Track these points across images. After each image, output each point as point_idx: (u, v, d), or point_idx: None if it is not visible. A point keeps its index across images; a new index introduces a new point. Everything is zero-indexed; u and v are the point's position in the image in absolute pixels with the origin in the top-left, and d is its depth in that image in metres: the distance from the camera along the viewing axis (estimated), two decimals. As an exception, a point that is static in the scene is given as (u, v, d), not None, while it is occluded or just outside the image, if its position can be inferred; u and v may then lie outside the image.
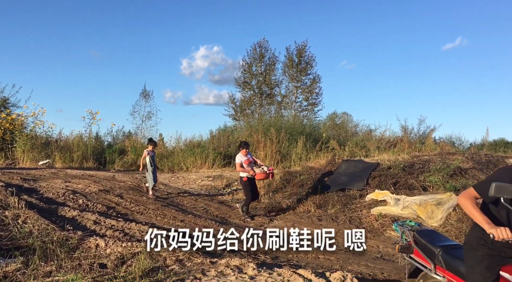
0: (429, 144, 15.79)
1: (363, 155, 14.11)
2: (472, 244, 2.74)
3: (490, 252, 2.66)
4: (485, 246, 2.67)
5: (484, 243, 2.67)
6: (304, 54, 26.20)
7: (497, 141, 21.77)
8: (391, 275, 5.61)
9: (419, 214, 8.68)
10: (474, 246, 2.72)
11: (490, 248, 2.65)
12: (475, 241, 2.72)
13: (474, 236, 2.75)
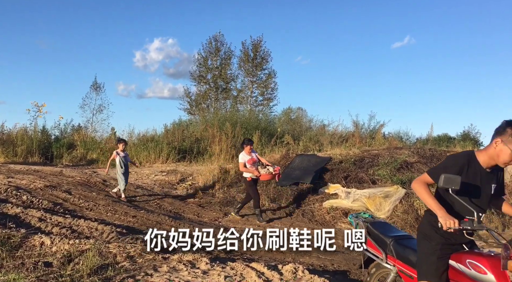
0: (379, 139, 16.41)
1: (317, 149, 14.42)
2: (426, 231, 2.79)
3: (443, 241, 2.74)
4: (437, 234, 2.74)
5: (437, 231, 2.72)
6: (260, 49, 26.33)
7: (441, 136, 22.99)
8: (340, 266, 5.79)
9: (368, 207, 9.01)
10: (428, 234, 2.77)
11: (441, 235, 2.72)
12: (429, 228, 2.78)
13: (427, 223, 2.81)
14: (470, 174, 2.65)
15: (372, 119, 18.48)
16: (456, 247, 2.76)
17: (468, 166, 2.64)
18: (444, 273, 2.72)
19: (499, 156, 2.58)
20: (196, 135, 16.81)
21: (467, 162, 2.64)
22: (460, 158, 2.67)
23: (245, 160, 8.32)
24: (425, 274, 2.73)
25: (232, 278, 4.58)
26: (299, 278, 4.72)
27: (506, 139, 2.54)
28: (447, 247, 2.74)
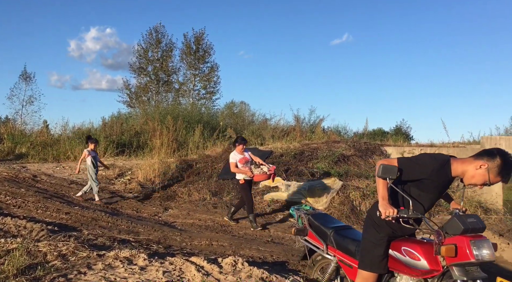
0: (318, 133, 16.87)
1: (259, 143, 14.56)
2: (376, 220, 2.80)
3: (391, 234, 2.81)
4: (388, 226, 2.78)
5: (378, 221, 2.78)
6: (202, 42, 26.01)
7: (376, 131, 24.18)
8: (279, 257, 5.91)
9: (307, 199, 9.27)
10: (378, 223, 2.80)
11: (390, 226, 2.77)
12: (376, 221, 2.81)
13: (375, 217, 2.80)
14: (437, 178, 2.70)
15: (312, 114, 19.02)
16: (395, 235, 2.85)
17: (439, 171, 2.68)
18: (383, 264, 2.80)
19: (473, 177, 2.61)
20: (136, 129, 16.32)
21: (440, 167, 2.67)
22: (435, 162, 2.68)
23: (237, 159, 7.54)
24: (369, 265, 2.79)
25: (171, 273, 4.51)
26: (238, 270, 4.75)
27: (492, 168, 2.54)
28: (392, 239, 2.83)
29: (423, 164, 2.67)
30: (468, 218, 2.55)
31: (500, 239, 7.67)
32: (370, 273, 2.77)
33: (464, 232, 2.48)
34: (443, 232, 2.54)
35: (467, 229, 2.49)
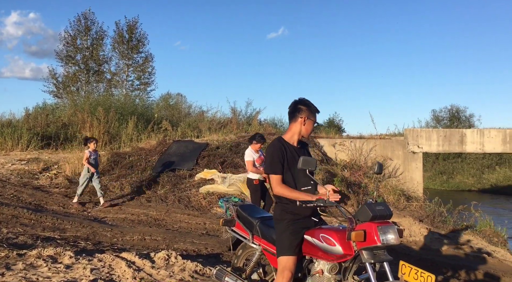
0: (255, 125, 17.01)
1: (195, 136, 14.39)
2: (278, 217, 3.09)
3: (294, 218, 3.02)
4: (288, 213, 3.02)
5: (287, 211, 3.01)
6: (136, 31, 25.00)
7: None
8: (214, 249, 5.91)
9: (243, 191, 9.33)
10: (279, 217, 3.06)
11: (294, 213, 2.99)
12: (279, 213, 3.08)
13: (278, 211, 3.10)
14: (288, 153, 3.04)
15: (249, 106, 19.05)
16: (306, 221, 3.05)
17: (284, 148, 3.04)
18: (298, 247, 2.97)
19: (307, 130, 3.12)
20: (64, 120, 15.38)
21: (282, 146, 3.05)
22: (276, 145, 3.06)
23: (254, 158, 6.99)
24: (282, 250, 2.96)
25: (100, 271, 4.33)
26: (171, 264, 4.68)
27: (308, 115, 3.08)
28: (297, 223, 3.02)
29: (274, 154, 3.05)
30: (377, 206, 2.75)
31: (420, 224, 8.27)
32: (287, 257, 2.91)
33: (373, 218, 2.67)
34: (355, 219, 2.71)
35: (376, 216, 2.68)
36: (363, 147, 12.77)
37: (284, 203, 3.02)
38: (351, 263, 2.80)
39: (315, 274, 2.90)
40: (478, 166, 28.24)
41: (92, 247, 5.50)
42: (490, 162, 27.84)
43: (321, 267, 2.87)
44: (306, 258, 3.04)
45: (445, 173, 29.24)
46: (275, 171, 2.99)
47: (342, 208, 2.90)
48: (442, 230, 8.76)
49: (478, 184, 26.79)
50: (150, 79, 25.96)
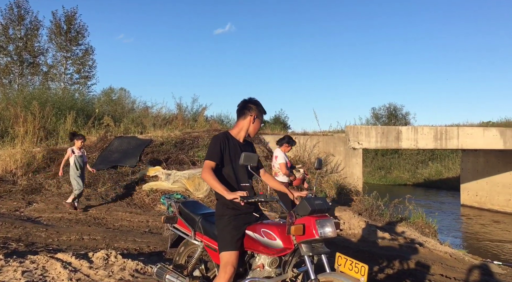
0: (201, 121, 16.87)
1: (139, 132, 14.01)
2: (219, 213, 3.10)
3: (234, 213, 3.04)
4: (229, 209, 3.04)
5: (228, 206, 3.03)
6: (74, 22, 23.79)
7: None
8: (157, 247, 5.80)
9: (188, 187, 9.24)
10: (221, 213, 3.07)
11: (235, 208, 3.02)
12: (221, 209, 3.09)
13: (220, 207, 3.10)
14: (231, 148, 3.11)
15: (195, 102, 18.89)
16: (247, 216, 3.09)
17: (227, 142, 3.11)
18: (239, 242, 3.00)
19: (255, 129, 3.20)
20: (-6, 115, 14.34)
21: (225, 139, 3.11)
22: (219, 137, 3.13)
23: (286, 160, 6.73)
24: (224, 245, 2.98)
25: (32, 273, 4.11)
26: (111, 264, 4.54)
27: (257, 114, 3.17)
28: (239, 218, 3.05)
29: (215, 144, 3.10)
30: (315, 200, 2.83)
31: (358, 217, 8.64)
32: (229, 252, 2.94)
33: (311, 212, 2.75)
34: (294, 214, 2.78)
35: (314, 210, 2.76)
36: (306, 143, 13.08)
37: (225, 199, 3.01)
38: (290, 257, 2.86)
39: (256, 268, 2.93)
40: (413, 162, 29.96)
41: (24, 248, 5.20)
42: (423, 158, 29.61)
43: (262, 261, 2.91)
44: (248, 252, 3.07)
45: (383, 168, 30.74)
46: (211, 157, 3.01)
47: (282, 203, 2.96)
48: (379, 223, 9.21)
49: (413, 179, 28.44)
50: (91, 72, 24.90)
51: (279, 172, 6.71)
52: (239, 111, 3.23)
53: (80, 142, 7.83)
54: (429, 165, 28.51)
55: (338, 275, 2.63)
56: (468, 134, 14.15)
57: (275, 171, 6.81)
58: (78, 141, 7.82)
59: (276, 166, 6.77)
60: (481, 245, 12.03)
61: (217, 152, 3.02)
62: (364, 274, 2.54)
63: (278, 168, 6.74)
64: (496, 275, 6.45)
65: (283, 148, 6.82)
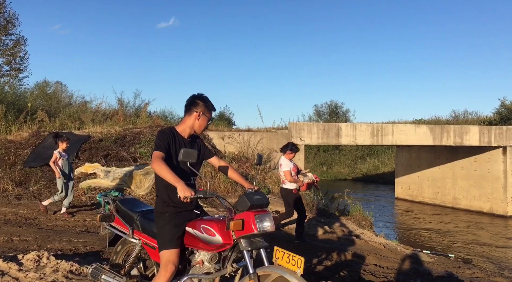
0: (143, 117, 16.44)
1: (76, 127, 13.39)
2: (159, 210, 3.03)
3: (175, 211, 3.00)
4: (169, 206, 3.00)
5: (169, 204, 2.99)
6: (4, 10, 22.18)
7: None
8: (94, 247, 5.59)
9: (129, 185, 8.99)
10: (161, 211, 3.02)
11: (175, 206, 2.98)
12: (161, 206, 3.03)
13: (160, 203, 3.05)
14: (177, 144, 3.04)
15: (137, 98, 18.35)
16: (188, 213, 3.05)
17: (173, 137, 3.05)
18: (180, 239, 2.96)
19: (201, 126, 3.10)
20: None
21: (171, 134, 3.04)
22: (166, 131, 3.06)
23: (291, 167, 6.72)
24: (163, 244, 2.93)
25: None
26: (43, 265, 4.31)
27: (203, 111, 3.07)
28: (179, 215, 3.01)
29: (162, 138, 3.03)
30: (255, 196, 2.87)
31: (300, 211, 8.86)
32: (170, 250, 2.90)
33: (251, 207, 2.78)
34: (234, 209, 2.81)
35: (253, 205, 2.79)
36: (251, 139, 13.20)
37: (165, 196, 2.99)
38: (230, 252, 2.88)
39: (195, 264, 2.92)
40: (352, 157, 31.24)
41: None
42: (362, 154, 30.98)
43: (201, 258, 2.90)
44: (188, 249, 3.05)
45: (325, 164, 31.76)
46: (160, 148, 2.92)
47: (222, 199, 2.97)
48: (319, 217, 9.51)
49: (352, 174, 29.68)
50: (23, 64, 23.34)
51: (285, 179, 6.79)
52: (186, 107, 3.14)
53: (65, 144, 7.35)
54: (367, 160, 29.87)
55: (276, 268, 2.68)
56: (402, 130, 14.99)
57: (282, 179, 6.89)
58: (63, 143, 7.32)
59: (282, 174, 6.85)
60: (412, 236, 12.84)
61: (164, 145, 2.94)
62: (300, 266, 2.62)
63: (284, 176, 6.81)
64: (425, 264, 6.91)
65: (286, 155, 6.86)
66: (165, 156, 2.93)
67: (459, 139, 15.49)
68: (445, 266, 7.03)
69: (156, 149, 2.93)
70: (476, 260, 9.35)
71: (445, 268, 6.77)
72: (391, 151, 27.80)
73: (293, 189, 6.77)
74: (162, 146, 2.93)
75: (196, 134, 3.25)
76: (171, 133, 3.05)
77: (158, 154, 2.90)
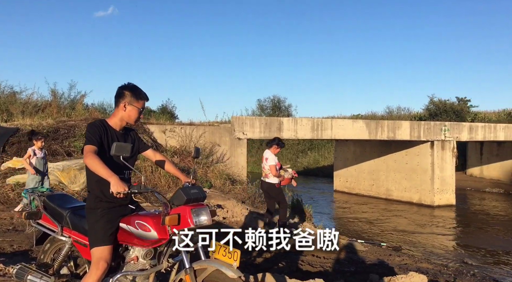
0: (79, 109, 15.68)
1: (3, 119, 12.52)
2: (91, 205, 2.91)
3: (108, 206, 2.89)
4: (102, 202, 2.89)
5: (101, 199, 2.88)
6: None
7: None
8: (22, 246, 5.28)
9: (62, 180, 8.55)
10: (93, 206, 2.90)
11: (109, 201, 2.87)
12: (93, 201, 2.90)
13: (91, 198, 2.92)
14: (109, 137, 2.93)
15: (73, 89, 17.44)
16: (122, 209, 2.96)
17: (105, 130, 2.92)
18: (113, 236, 2.86)
19: (130, 116, 2.97)
20: None
21: (103, 127, 2.91)
22: (96, 124, 2.92)
23: (276, 162, 6.89)
24: (95, 241, 2.82)
25: None
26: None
27: (130, 101, 2.94)
28: (112, 211, 2.91)
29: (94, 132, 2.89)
30: (191, 189, 2.85)
31: (241, 205, 8.94)
32: (102, 248, 2.81)
33: (187, 202, 2.76)
34: (170, 204, 2.77)
35: (190, 199, 2.77)
36: (193, 133, 13.06)
37: (98, 191, 2.87)
38: (166, 247, 2.84)
39: (130, 261, 2.85)
40: (294, 151, 31.99)
41: None
42: (303, 148, 31.81)
43: (136, 254, 2.84)
44: (122, 246, 2.96)
45: (267, 158, 32.22)
46: (92, 142, 2.78)
47: (158, 193, 2.92)
48: (261, 210, 9.64)
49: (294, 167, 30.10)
50: None
51: (269, 173, 6.95)
52: (115, 99, 3.02)
53: (40, 142, 6.95)
54: (308, 154, 30.74)
55: (212, 262, 2.69)
56: (340, 125, 15.57)
57: (266, 173, 7.03)
58: (38, 142, 6.92)
59: (267, 168, 6.98)
60: (348, 226, 13.43)
61: (96, 138, 2.80)
62: (236, 259, 2.64)
63: (268, 170, 6.96)
64: (359, 252, 7.25)
65: (272, 149, 7.04)
66: (98, 149, 2.82)
67: (392, 133, 16.38)
68: (377, 254, 7.43)
69: (88, 142, 2.80)
70: (405, 247, 9.97)
71: (377, 256, 7.16)
72: (331, 145, 28.79)
73: (277, 183, 7.02)
74: (94, 139, 2.80)
75: (130, 127, 3.15)
76: (102, 125, 2.92)
77: (90, 148, 2.77)
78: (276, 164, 6.96)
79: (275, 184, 7.02)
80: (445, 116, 27.05)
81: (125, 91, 2.96)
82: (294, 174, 7.34)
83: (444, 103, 28.80)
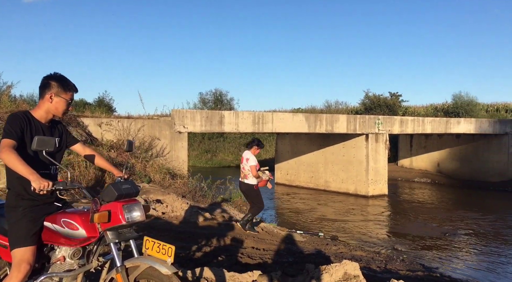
0: (5, 101, 14.57)
1: None
2: (12, 204, 2.71)
3: (31, 204, 2.71)
4: (24, 200, 2.70)
5: (23, 197, 2.70)
6: None
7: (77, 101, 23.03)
8: None
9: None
10: (14, 205, 2.70)
11: (31, 199, 2.70)
12: (14, 199, 2.71)
13: (12, 196, 2.73)
14: (33, 129, 2.74)
15: (-2, 79, 16.20)
16: (46, 207, 2.79)
17: (28, 122, 2.72)
18: (36, 236, 2.70)
19: (57, 108, 2.81)
20: None
21: (26, 118, 2.71)
22: (19, 115, 2.72)
23: (256, 162, 7.14)
24: (16, 241, 2.64)
25: None
26: None
27: (57, 92, 2.77)
28: (36, 209, 2.74)
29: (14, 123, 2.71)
30: (123, 185, 2.72)
31: (182, 200, 8.81)
32: (24, 248, 2.64)
33: (118, 197, 2.63)
34: (99, 200, 2.64)
35: (121, 194, 2.65)
36: (131, 127, 12.65)
37: (20, 188, 2.68)
38: (95, 245, 2.71)
39: (55, 262, 2.70)
40: (236, 145, 32.08)
41: None
42: (246, 141, 31.96)
43: (62, 254, 2.69)
44: (48, 246, 2.79)
45: (209, 152, 32.05)
46: (11, 135, 2.58)
47: (85, 190, 2.77)
48: (202, 204, 9.57)
49: (236, 161, 30.44)
50: None
51: (249, 174, 7.14)
52: (40, 89, 2.81)
53: None
54: (250, 147, 30.97)
55: (145, 258, 2.61)
56: (281, 119, 15.83)
57: (245, 173, 7.20)
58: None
59: (247, 168, 7.16)
60: (288, 217, 13.73)
61: (17, 131, 2.60)
62: (171, 255, 2.58)
63: (248, 170, 7.15)
64: (298, 243, 7.43)
65: (253, 150, 7.26)
66: (18, 144, 2.61)
67: (330, 127, 16.93)
68: (315, 244, 7.66)
69: (6, 136, 2.58)
70: (341, 237, 10.39)
71: (315, 246, 7.38)
72: (272, 138, 29.21)
73: (255, 184, 7.22)
74: (13, 132, 2.60)
75: (57, 119, 2.97)
76: (25, 117, 2.71)
77: (8, 142, 2.56)
78: (256, 165, 7.17)
79: (254, 185, 7.21)
80: (379, 110, 28.46)
81: (52, 82, 2.77)
82: (270, 177, 7.49)
83: (378, 97, 30.28)
